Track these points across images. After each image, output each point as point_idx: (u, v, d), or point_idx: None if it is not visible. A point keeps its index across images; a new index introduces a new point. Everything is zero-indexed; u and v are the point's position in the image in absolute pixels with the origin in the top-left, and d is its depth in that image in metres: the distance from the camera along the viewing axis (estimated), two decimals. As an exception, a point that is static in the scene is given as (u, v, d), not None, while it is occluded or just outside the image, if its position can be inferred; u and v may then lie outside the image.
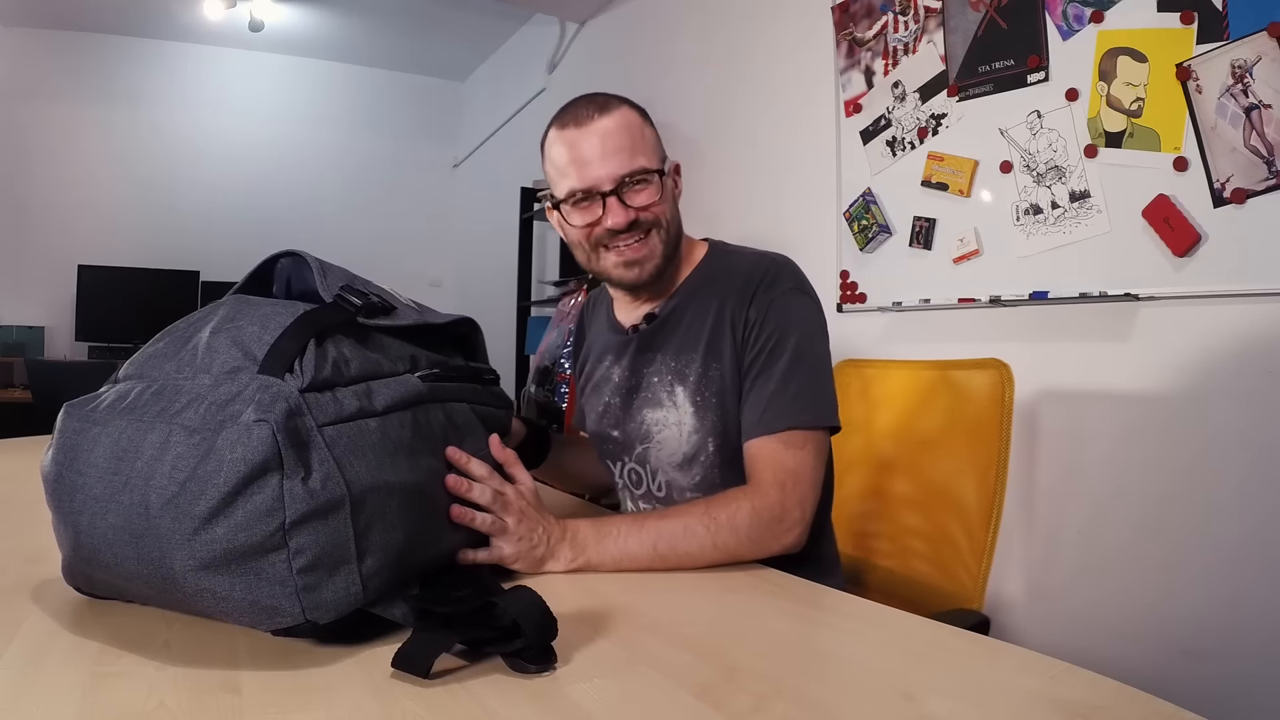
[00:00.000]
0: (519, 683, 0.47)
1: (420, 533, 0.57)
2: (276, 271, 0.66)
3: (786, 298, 0.94)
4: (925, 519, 1.11)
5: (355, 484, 0.51)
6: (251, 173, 4.54)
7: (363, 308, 0.61)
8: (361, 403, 0.55)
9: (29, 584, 0.64)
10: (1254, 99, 1.26)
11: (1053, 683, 0.48)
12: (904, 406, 1.17)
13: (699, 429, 0.95)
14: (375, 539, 0.52)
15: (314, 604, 0.48)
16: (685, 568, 0.80)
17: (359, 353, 0.58)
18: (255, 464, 0.46)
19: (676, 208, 0.99)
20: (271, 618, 0.48)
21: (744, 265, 0.97)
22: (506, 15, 3.95)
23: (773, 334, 0.91)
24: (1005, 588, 1.62)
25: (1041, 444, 1.59)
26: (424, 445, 0.60)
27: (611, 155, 0.92)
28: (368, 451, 0.53)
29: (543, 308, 3.52)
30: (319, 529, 0.48)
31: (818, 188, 2.16)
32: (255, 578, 0.47)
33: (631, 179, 0.92)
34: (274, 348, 0.52)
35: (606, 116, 0.93)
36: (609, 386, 1.04)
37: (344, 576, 0.50)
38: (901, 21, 1.91)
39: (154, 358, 0.55)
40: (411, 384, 0.61)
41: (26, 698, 0.44)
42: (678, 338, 0.98)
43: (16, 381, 3.73)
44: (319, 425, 0.50)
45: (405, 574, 0.55)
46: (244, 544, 0.46)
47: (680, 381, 0.97)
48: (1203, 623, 1.33)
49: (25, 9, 3.89)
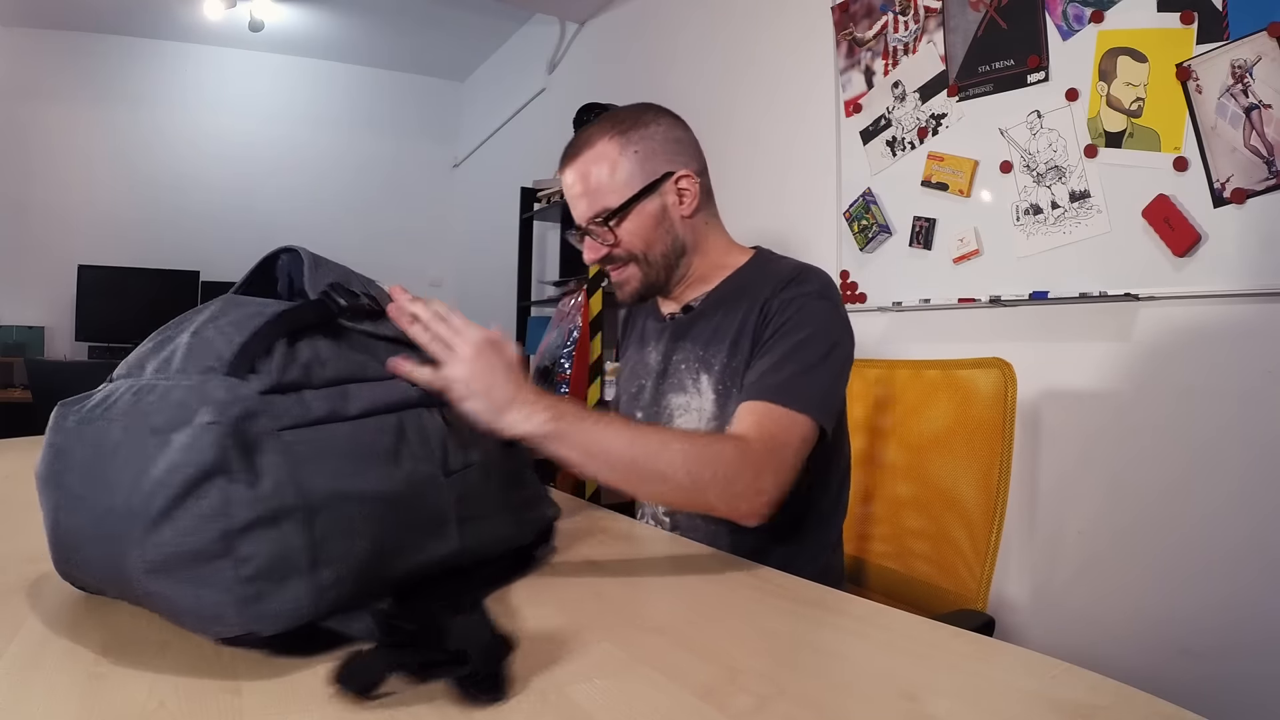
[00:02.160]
0: (519, 683, 0.47)
1: (393, 544, 0.54)
2: (278, 268, 0.65)
3: (810, 299, 0.95)
4: (927, 520, 1.11)
5: (311, 491, 0.48)
6: (251, 173, 4.54)
7: (348, 308, 0.58)
8: (333, 406, 0.53)
9: (29, 584, 0.64)
10: (1254, 99, 1.26)
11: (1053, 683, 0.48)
12: (906, 406, 1.16)
13: (718, 416, 0.97)
14: (333, 549, 0.49)
15: (257, 614, 0.46)
16: (650, 488, 0.79)
17: (339, 354, 0.56)
18: (202, 467, 0.45)
19: (673, 222, 1.01)
20: (214, 626, 0.46)
21: (779, 270, 1.00)
22: (506, 15, 3.95)
23: (786, 323, 0.93)
24: (1006, 588, 1.62)
25: (1041, 444, 1.59)
26: (412, 452, 0.57)
27: (577, 201, 1.00)
28: (332, 457, 0.51)
29: (543, 308, 3.52)
30: (267, 537, 0.46)
31: (818, 188, 2.16)
32: (201, 584, 0.45)
33: (597, 220, 0.98)
34: (242, 348, 0.50)
35: (571, 164, 1.00)
36: (644, 370, 1.09)
37: (293, 587, 0.47)
38: (901, 21, 1.91)
39: (140, 357, 0.55)
40: (400, 388, 0.59)
41: (26, 698, 0.43)
42: (708, 330, 1.01)
43: (16, 381, 3.73)
44: (278, 429, 0.48)
45: (373, 587, 0.53)
46: (190, 549, 0.45)
47: (706, 370, 1.00)
48: (1203, 622, 1.33)
49: (25, 9, 3.89)
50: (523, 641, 0.54)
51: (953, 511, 1.06)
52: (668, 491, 0.79)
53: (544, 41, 3.81)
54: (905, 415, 1.16)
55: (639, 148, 0.98)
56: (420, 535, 0.57)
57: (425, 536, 0.58)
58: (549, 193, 3.39)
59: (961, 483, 1.05)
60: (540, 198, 3.47)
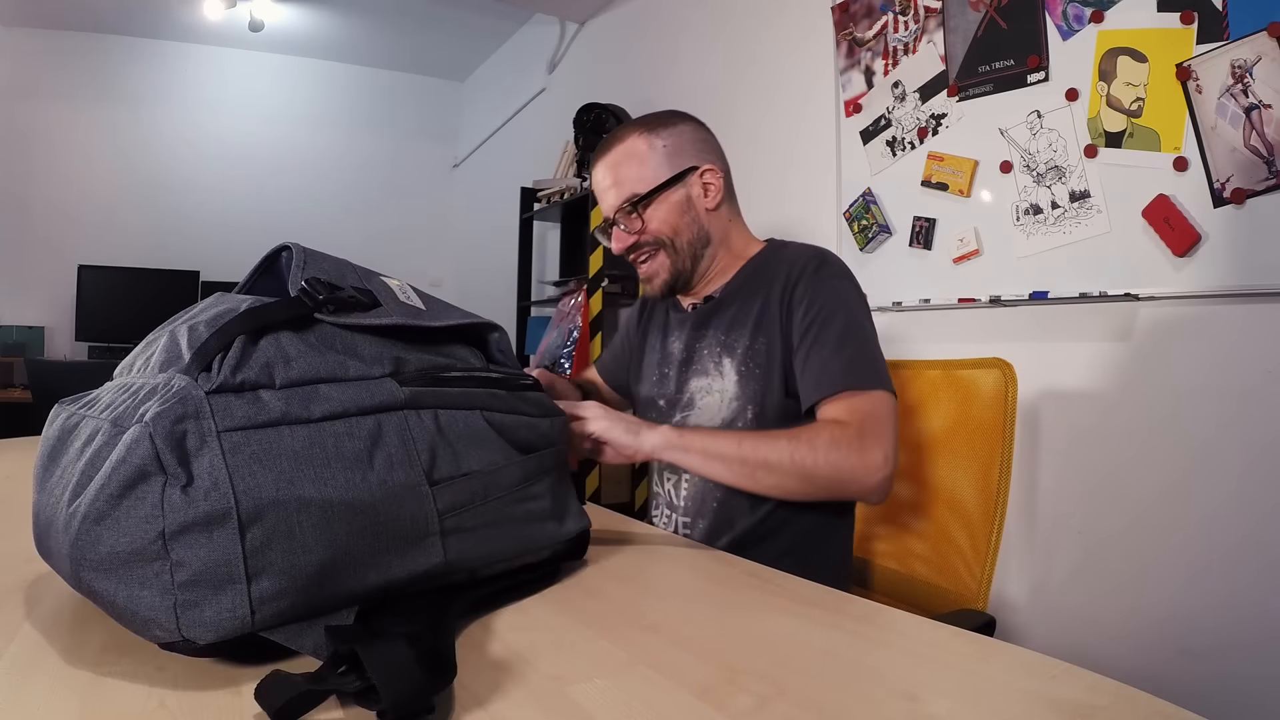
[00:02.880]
0: (519, 683, 0.47)
1: (359, 554, 0.50)
2: (281, 266, 0.62)
3: (834, 281, 1.00)
4: (927, 520, 1.11)
5: (250, 496, 0.46)
6: (251, 173, 4.54)
7: (325, 302, 0.55)
8: (290, 407, 0.49)
9: (29, 584, 0.64)
10: (1254, 99, 1.26)
11: (1053, 683, 0.48)
12: (906, 406, 1.16)
13: (740, 396, 1.02)
14: (274, 559, 0.46)
15: (192, 622, 0.44)
16: (763, 480, 0.87)
17: (309, 352, 0.53)
18: (136, 467, 0.44)
19: (698, 213, 1.07)
20: (149, 629, 0.45)
21: (793, 255, 1.05)
22: (506, 15, 3.95)
23: (822, 309, 0.97)
24: (1006, 588, 1.62)
25: (1041, 444, 1.59)
26: (389, 457, 0.53)
27: (607, 193, 1.06)
28: (282, 461, 0.48)
29: (543, 308, 3.52)
30: (200, 543, 0.44)
31: (818, 188, 2.16)
32: (138, 585, 0.44)
33: (626, 207, 1.04)
34: (203, 345, 0.49)
35: (603, 160, 1.07)
36: (668, 360, 1.13)
37: (230, 597, 0.45)
38: (901, 21, 1.91)
39: (134, 356, 0.56)
40: (381, 389, 0.55)
41: (26, 698, 0.43)
42: (730, 316, 1.06)
43: (16, 381, 3.73)
44: (220, 430, 0.46)
45: (336, 599, 0.50)
46: (126, 549, 0.44)
47: (728, 354, 1.04)
48: (1203, 622, 1.33)
49: (25, 9, 3.89)
50: (522, 641, 0.54)
51: (953, 512, 1.06)
52: (781, 481, 0.87)
53: (544, 41, 3.81)
54: (906, 415, 1.16)
55: (667, 142, 1.05)
56: (395, 546, 0.53)
57: (402, 547, 0.53)
58: (549, 193, 3.39)
59: (962, 483, 1.05)
60: (540, 198, 3.47)
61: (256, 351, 0.50)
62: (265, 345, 0.51)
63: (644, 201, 1.03)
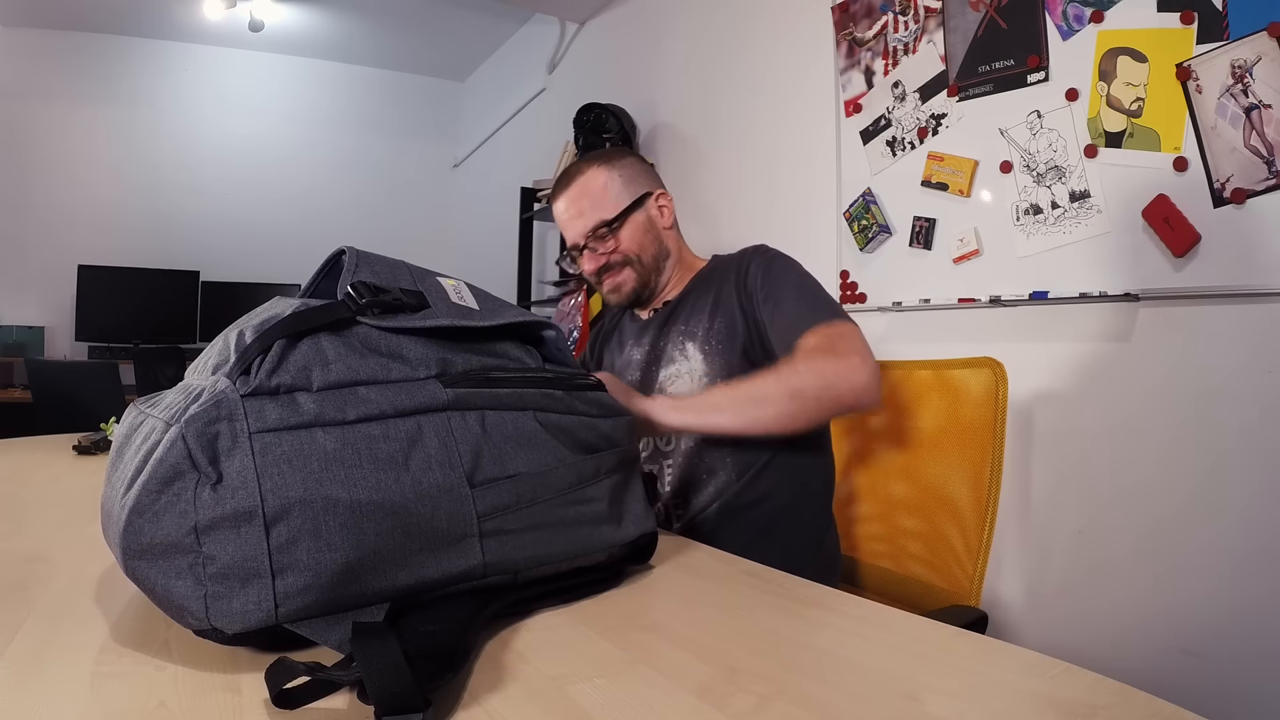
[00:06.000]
0: (519, 682, 0.47)
1: (381, 554, 0.51)
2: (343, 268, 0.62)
3: (778, 255, 1.12)
4: (920, 519, 1.11)
5: (277, 495, 0.47)
6: (251, 173, 4.55)
7: (369, 305, 0.56)
8: (322, 409, 0.51)
9: (29, 584, 0.64)
10: (1254, 99, 1.26)
11: (1053, 683, 0.48)
12: (898, 406, 1.17)
13: (709, 372, 1.09)
14: (300, 556, 0.48)
15: (220, 612, 0.47)
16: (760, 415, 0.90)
17: (350, 354, 0.54)
18: (172, 465, 0.47)
19: (659, 231, 1.19)
20: (183, 616, 0.48)
21: (736, 254, 1.17)
22: (506, 15, 3.95)
23: (774, 272, 1.08)
24: (1004, 588, 1.62)
25: (1041, 444, 1.59)
26: (427, 458, 0.54)
27: (572, 223, 1.16)
28: (312, 462, 0.49)
29: (543, 307, 3.52)
30: (229, 538, 0.47)
31: (818, 188, 2.16)
32: (174, 576, 0.47)
33: (594, 233, 1.15)
34: (247, 348, 0.51)
35: (565, 193, 1.17)
36: (630, 366, 1.21)
37: (256, 591, 0.47)
38: (901, 21, 1.91)
39: (202, 354, 0.58)
40: (423, 391, 0.55)
41: (26, 698, 0.43)
42: (688, 309, 1.16)
43: (16, 382, 3.73)
44: (251, 431, 0.48)
45: (357, 597, 0.51)
46: (163, 541, 0.47)
47: (690, 339, 1.13)
48: (1202, 622, 1.33)
49: (25, 9, 3.89)
50: (522, 641, 0.54)
51: (946, 510, 1.06)
52: (777, 413, 0.90)
53: (544, 41, 3.82)
54: (897, 415, 1.16)
55: (622, 172, 1.17)
56: (429, 547, 0.53)
57: (436, 548, 0.53)
58: (549, 193, 3.39)
59: (954, 481, 1.06)
60: (540, 198, 3.47)
61: (295, 354, 0.52)
62: (304, 348, 0.52)
63: (614, 223, 1.14)
